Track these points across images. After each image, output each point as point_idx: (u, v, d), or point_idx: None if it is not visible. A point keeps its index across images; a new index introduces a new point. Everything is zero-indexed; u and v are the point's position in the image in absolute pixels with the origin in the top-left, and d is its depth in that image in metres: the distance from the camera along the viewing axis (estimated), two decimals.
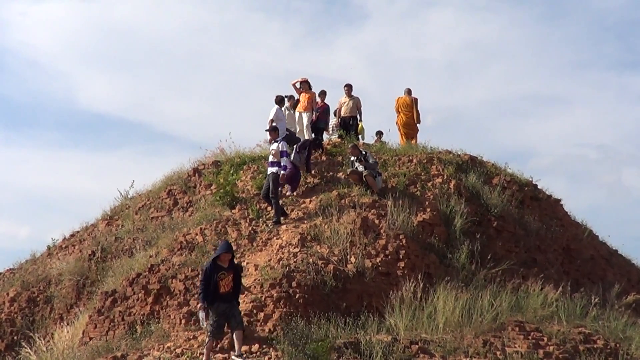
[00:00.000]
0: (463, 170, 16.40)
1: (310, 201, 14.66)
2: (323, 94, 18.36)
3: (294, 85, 17.46)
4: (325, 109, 18.28)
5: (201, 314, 9.87)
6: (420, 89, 54.43)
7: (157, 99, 58.70)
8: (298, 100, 17.33)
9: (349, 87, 18.45)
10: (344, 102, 18.37)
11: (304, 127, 17.26)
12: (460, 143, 35.83)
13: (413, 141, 18.30)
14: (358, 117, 18.41)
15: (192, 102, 57.78)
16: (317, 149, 16.05)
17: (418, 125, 18.93)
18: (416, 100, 18.81)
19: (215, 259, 9.94)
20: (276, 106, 16.17)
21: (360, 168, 14.74)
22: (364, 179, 14.54)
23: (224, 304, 9.86)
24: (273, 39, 60.60)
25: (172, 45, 59.55)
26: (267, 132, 14.70)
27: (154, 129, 60.19)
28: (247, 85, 59.71)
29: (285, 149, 14.16)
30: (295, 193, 14.89)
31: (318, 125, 18.17)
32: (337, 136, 18.16)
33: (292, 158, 14.92)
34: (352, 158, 15.07)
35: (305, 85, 17.50)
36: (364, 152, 14.97)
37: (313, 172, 15.81)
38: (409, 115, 18.63)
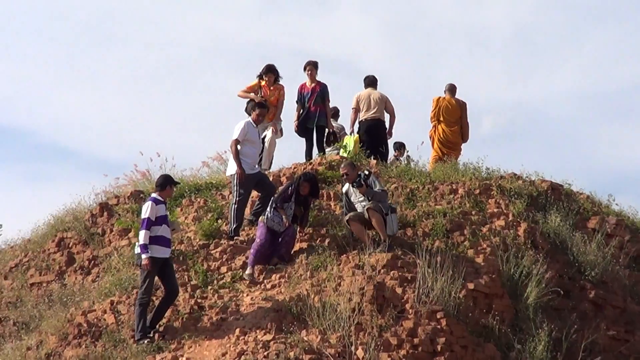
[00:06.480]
0: (540, 206, 16.49)
1: (293, 257, 14.84)
2: (312, 65, 18.71)
3: (244, 95, 17.50)
4: (319, 93, 18.64)
5: None
6: (472, 75, 52.96)
7: (44, 92, 57.84)
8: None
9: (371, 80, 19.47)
10: (365, 99, 19.14)
11: (265, 153, 17.50)
12: (536, 162, 35.52)
13: (454, 157, 18.98)
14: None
15: (102, 95, 56.71)
16: (315, 195, 15.64)
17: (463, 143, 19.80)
18: (465, 105, 19.49)
19: None
20: (246, 119, 16.06)
21: (361, 204, 14.79)
22: (367, 217, 14.55)
23: None
24: None
25: (74, 8, 58.92)
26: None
27: (38, 138, 59.24)
28: (196, 69, 58.70)
29: (147, 215, 13.73)
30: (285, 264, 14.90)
31: (309, 123, 18.52)
32: (336, 152, 18.42)
33: (265, 219, 14.93)
34: (346, 187, 15.14)
35: (269, 75, 17.67)
36: (365, 174, 14.97)
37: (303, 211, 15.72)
38: (454, 128, 19.39)
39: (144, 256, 13.30)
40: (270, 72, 17.72)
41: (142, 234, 13.49)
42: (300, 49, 51.92)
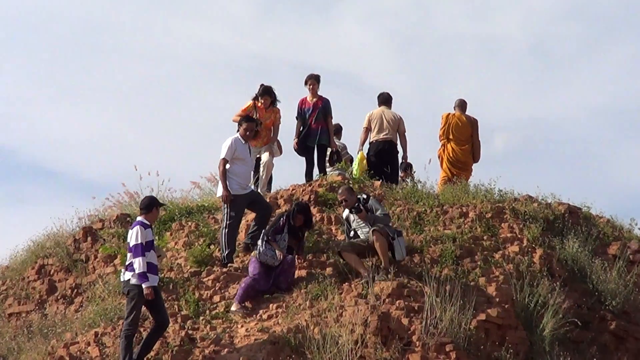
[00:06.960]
0: (557, 231, 16.31)
1: (292, 286, 14.79)
2: (313, 79, 18.54)
3: (238, 119, 16.93)
4: (321, 108, 18.47)
5: None
6: (484, 90, 52.58)
7: (23, 107, 57.75)
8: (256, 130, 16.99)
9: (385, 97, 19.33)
10: (377, 118, 19.10)
11: (262, 178, 17.55)
12: (553, 183, 35.37)
13: (464, 178, 18.84)
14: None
15: (86, 112, 56.49)
16: (309, 226, 15.48)
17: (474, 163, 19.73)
18: (476, 122, 19.45)
19: None
20: (235, 135, 15.92)
21: (362, 229, 14.68)
22: (372, 240, 14.33)
23: None
24: (232, 5, 59.83)
25: (56, 16, 58.76)
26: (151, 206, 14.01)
27: (17, 157, 59.07)
28: (188, 83, 58.45)
29: (139, 241, 13.46)
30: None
31: (309, 141, 18.39)
32: (337, 172, 18.41)
33: (258, 254, 14.70)
34: (346, 212, 14.99)
35: (265, 98, 17.48)
36: (363, 198, 14.90)
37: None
38: (465, 147, 19.36)
39: (144, 285, 13.05)
40: (267, 95, 17.47)
41: (139, 261, 13.22)
42: (300, 62, 51.92)
